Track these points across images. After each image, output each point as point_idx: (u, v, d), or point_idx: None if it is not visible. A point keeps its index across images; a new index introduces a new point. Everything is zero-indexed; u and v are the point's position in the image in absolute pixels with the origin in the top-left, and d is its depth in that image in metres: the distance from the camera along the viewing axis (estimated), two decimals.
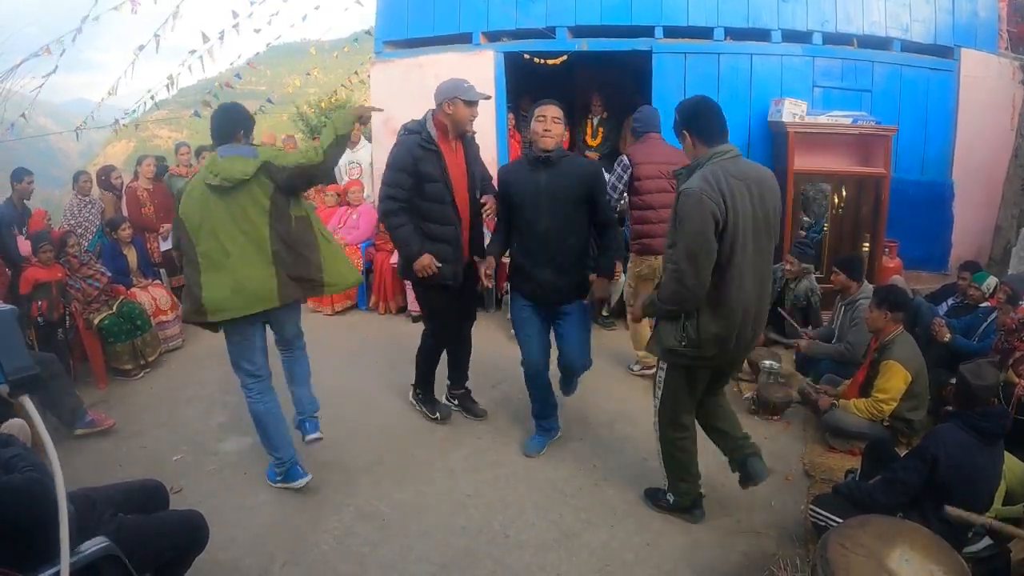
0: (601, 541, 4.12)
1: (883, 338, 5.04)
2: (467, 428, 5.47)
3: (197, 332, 5.90)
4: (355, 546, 4.07)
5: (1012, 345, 4.96)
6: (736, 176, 3.47)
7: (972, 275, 6.39)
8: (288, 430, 4.68)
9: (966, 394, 3.64)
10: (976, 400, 3.61)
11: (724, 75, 8.73)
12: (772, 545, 4.06)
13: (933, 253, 9.09)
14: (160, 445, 5.28)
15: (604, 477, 4.81)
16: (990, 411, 3.61)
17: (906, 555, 2.82)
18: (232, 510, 4.39)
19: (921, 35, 9.02)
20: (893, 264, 8.05)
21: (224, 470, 4.93)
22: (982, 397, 3.63)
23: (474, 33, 9.29)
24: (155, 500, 3.42)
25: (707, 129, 3.64)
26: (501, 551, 4.03)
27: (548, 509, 4.43)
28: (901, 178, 8.51)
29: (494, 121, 9.36)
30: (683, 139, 3.74)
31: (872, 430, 4.88)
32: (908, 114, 8.81)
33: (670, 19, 8.78)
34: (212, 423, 5.63)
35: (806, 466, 4.94)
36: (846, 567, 2.76)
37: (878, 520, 3.11)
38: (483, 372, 6.42)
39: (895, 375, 4.81)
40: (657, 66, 8.77)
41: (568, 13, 8.97)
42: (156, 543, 3.05)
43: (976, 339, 5.75)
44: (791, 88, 8.56)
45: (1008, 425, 3.68)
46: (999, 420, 3.62)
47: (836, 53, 8.86)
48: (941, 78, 9.00)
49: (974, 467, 3.49)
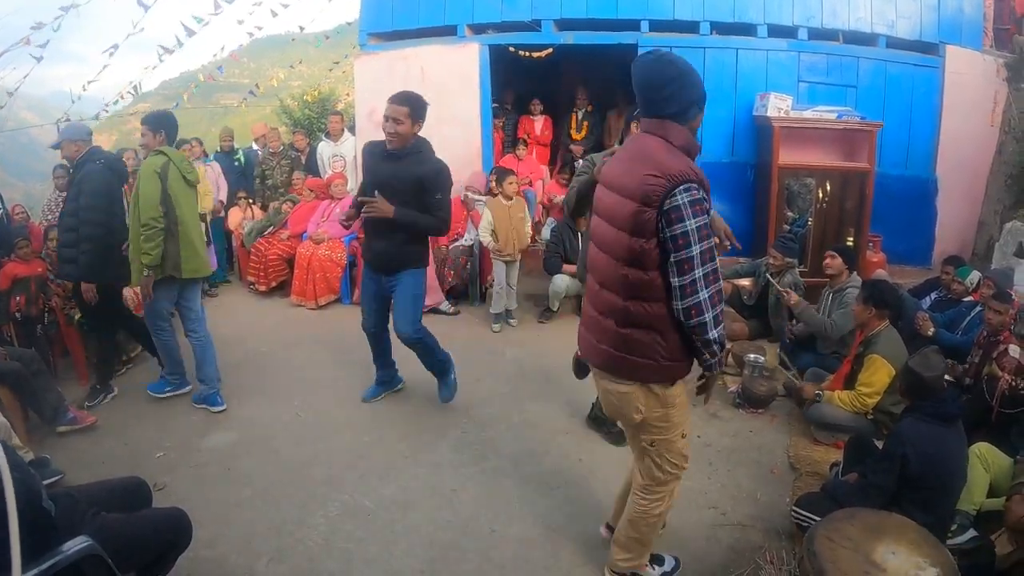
0: (588, 534, 4.09)
1: (868, 332, 5.06)
2: (452, 421, 5.45)
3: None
4: (341, 542, 4.04)
5: (996, 339, 4.99)
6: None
7: (955, 269, 6.46)
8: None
9: (919, 387, 3.68)
10: (930, 390, 3.68)
11: (709, 69, 8.74)
12: (758, 538, 4.07)
13: (917, 248, 9.15)
14: (143, 442, 5.21)
15: (590, 470, 4.80)
16: (944, 396, 3.69)
17: (892, 548, 2.83)
18: (216, 506, 4.34)
19: (906, 31, 9.06)
20: (877, 258, 8.09)
21: (207, 466, 4.88)
22: (936, 387, 3.70)
23: (459, 25, 9.28)
24: (138, 498, 3.38)
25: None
26: (487, 545, 4.01)
27: (534, 503, 4.41)
28: (885, 173, 8.54)
29: (479, 114, 9.36)
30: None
31: (856, 423, 4.91)
32: (893, 110, 8.85)
33: (656, 13, 8.80)
34: (194, 419, 5.57)
35: (791, 459, 4.96)
36: (833, 560, 2.77)
37: (865, 513, 3.12)
38: (467, 366, 6.41)
39: (880, 369, 4.83)
40: None
41: (554, 6, 8.97)
42: (139, 542, 3.02)
43: (959, 333, 5.80)
44: (776, 83, 8.58)
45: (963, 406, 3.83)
46: (955, 402, 3.76)
47: (821, 48, 8.90)
48: (926, 74, 9.04)
49: (943, 452, 3.54)
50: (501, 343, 7.28)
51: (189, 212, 5.43)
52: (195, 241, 5.48)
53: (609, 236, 2.95)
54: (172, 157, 5.31)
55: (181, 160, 5.41)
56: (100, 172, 5.48)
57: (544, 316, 7.93)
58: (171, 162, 5.26)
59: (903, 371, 3.78)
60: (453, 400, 5.59)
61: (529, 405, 5.76)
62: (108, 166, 5.60)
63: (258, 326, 7.74)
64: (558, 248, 7.67)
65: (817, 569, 2.76)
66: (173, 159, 5.30)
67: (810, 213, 7.99)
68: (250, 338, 7.26)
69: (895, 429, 3.74)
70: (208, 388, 5.74)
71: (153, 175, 5.14)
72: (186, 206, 5.38)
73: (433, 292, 8.01)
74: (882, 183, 8.29)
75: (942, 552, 2.83)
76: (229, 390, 5.95)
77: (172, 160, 5.28)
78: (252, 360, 6.74)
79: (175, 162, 5.30)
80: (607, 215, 2.98)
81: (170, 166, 5.24)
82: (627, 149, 3.08)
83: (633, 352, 2.95)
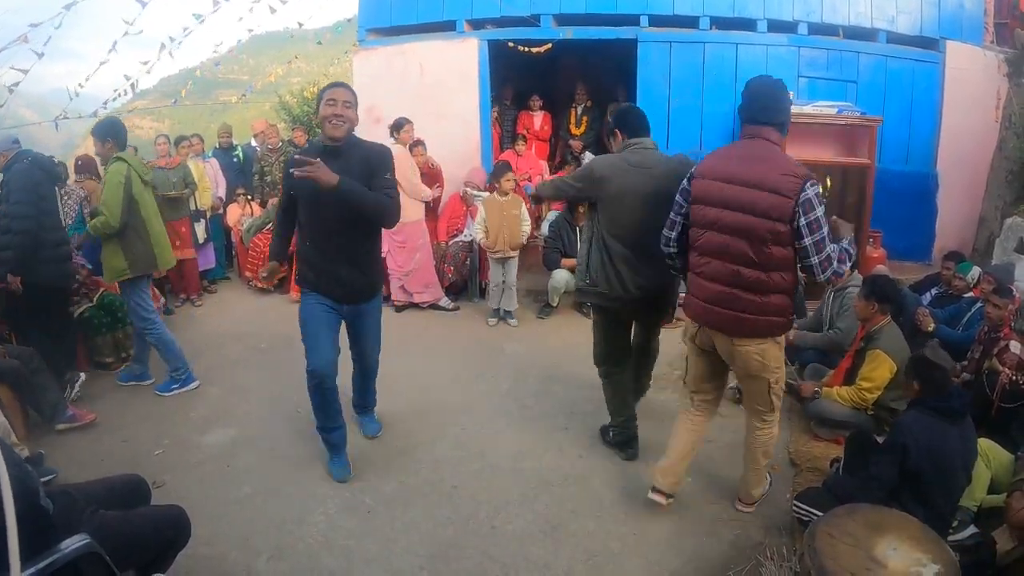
0: (587, 531, 4.10)
1: (870, 327, 5.05)
2: (451, 418, 5.44)
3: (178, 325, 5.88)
4: (340, 539, 4.03)
5: (997, 335, 4.98)
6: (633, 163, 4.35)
7: (956, 265, 6.45)
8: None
9: (938, 380, 3.66)
10: (944, 384, 3.67)
11: (709, 64, 8.74)
12: (759, 534, 4.06)
13: (917, 243, 9.15)
14: (142, 439, 5.21)
15: (590, 467, 4.79)
16: (950, 392, 3.68)
17: (893, 544, 2.82)
18: (216, 504, 4.34)
19: (907, 27, 9.05)
20: (877, 254, 8.06)
21: (207, 463, 4.88)
22: (947, 382, 3.71)
23: (458, 21, 9.25)
24: (136, 495, 3.37)
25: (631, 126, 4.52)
26: (487, 543, 4.00)
27: (534, 500, 4.40)
28: (886, 169, 8.52)
29: (477, 109, 9.35)
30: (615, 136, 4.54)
31: (856, 418, 4.90)
32: (893, 105, 8.84)
33: (656, 8, 8.79)
34: (194, 416, 5.57)
35: (791, 455, 4.96)
36: (834, 556, 2.76)
37: (866, 509, 3.11)
38: (466, 362, 6.41)
39: (881, 364, 4.82)
40: (642, 55, 8.77)
41: (553, 1, 8.96)
42: (138, 540, 3.01)
43: (960, 328, 5.79)
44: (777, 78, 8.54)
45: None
46: (961, 398, 3.73)
47: (822, 44, 8.89)
48: (926, 70, 9.03)
49: (945, 448, 3.52)
50: (501, 339, 7.28)
51: (152, 210, 5.87)
52: (160, 236, 5.94)
53: (745, 223, 3.53)
54: (129, 161, 5.62)
55: (137, 163, 5.78)
56: (27, 169, 5.55)
57: (544, 312, 7.93)
58: (130, 167, 5.59)
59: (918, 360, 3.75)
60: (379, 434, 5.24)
61: (529, 401, 5.75)
62: (36, 164, 5.66)
63: (257, 323, 7.74)
64: (557, 243, 7.66)
65: (818, 565, 2.75)
66: (131, 163, 5.61)
67: None
68: (249, 335, 7.26)
69: (898, 420, 3.74)
70: (141, 367, 6.20)
71: (118, 183, 5.46)
72: (149, 206, 5.82)
73: (433, 288, 8.01)
74: (882, 179, 8.25)
75: (943, 549, 2.82)
76: (227, 387, 5.99)
77: (130, 164, 5.60)
78: (251, 357, 6.74)
79: (133, 166, 5.63)
80: (737, 206, 3.55)
81: (131, 171, 5.58)
82: (748, 149, 3.65)
83: (770, 314, 3.63)
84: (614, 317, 4.71)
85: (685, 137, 8.75)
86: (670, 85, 8.87)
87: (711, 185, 3.66)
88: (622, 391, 4.87)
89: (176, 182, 8.11)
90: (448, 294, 8.30)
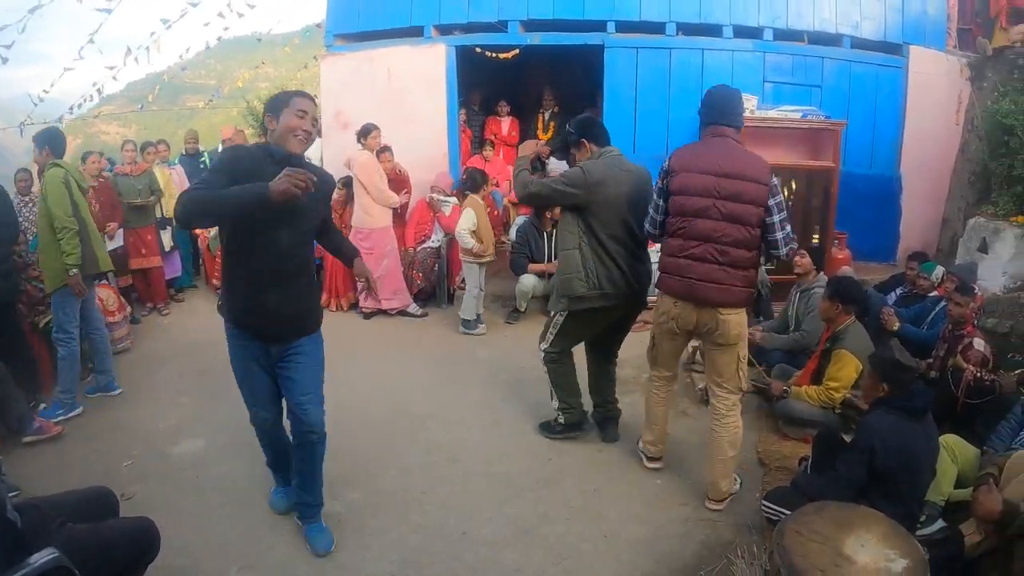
0: (558, 534, 4.08)
1: (835, 328, 5.13)
2: (420, 423, 5.42)
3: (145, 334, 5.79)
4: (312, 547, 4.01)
5: (961, 332, 5.07)
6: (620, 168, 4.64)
7: (920, 265, 6.53)
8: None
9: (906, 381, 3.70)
10: (911, 384, 3.72)
11: (675, 70, 8.81)
12: (729, 533, 4.08)
13: (881, 244, 9.29)
14: (110, 450, 5.12)
15: (559, 470, 4.78)
16: (912, 391, 3.73)
17: (861, 540, 2.84)
18: (186, 515, 4.26)
19: (871, 32, 9.20)
20: (842, 255, 8.15)
21: (176, 474, 4.80)
22: (913, 382, 3.77)
23: (426, 26, 9.26)
24: (105, 508, 3.31)
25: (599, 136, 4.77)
26: (458, 548, 3.97)
27: (504, 504, 4.38)
28: (850, 172, 8.66)
29: (445, 115, 9.37)
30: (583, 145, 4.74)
31: (824, 417, 4.95)
32: (857, 109, 8.98)
33: (622, 14, 8.84)
34: (163, 426, 5.49)
35: (760, 454, 4.99)
36: (803, 554, 2.77)
37: (833, 507, 3.13)
38: (436, 368, 6.40)
39: (847, 364, 4.89)
40: (609, 61, 8.83)
41: (520, 7, 8.98)
42: (107, 552, 2.96)
43: (925, 327, 5.87)
44: (742, 83, 8.53)
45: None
46: (923, 396, 3.83)
47: (787, 49, 9.01)
48: (890, 74, 9.18)
49: (911, 446, 3.56)
50: (470, 344, 7.27)
51: (89, 216, 5.87)
52: (98, 239, 6.03)
53: (738, 210, 3.97)
54: (67, 168, 5.66)
55: (74, 171, 5.84)
56: None
57: (512, 317, 7.92)
58: (68, 173, 5.61)
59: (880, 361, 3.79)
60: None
61: (499, 406, 5.73)
62: None
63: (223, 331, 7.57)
64: (524, 248, 7.66)
65: (787, 563, 2.76)
66: (68, 170, 5.65)
67: None
68: (217, 343, 7.03)
69: (863, 422, 3.76)
70: (105, 376, 6.05)
71: (60, 184, 5.45)
72: (85, 211, 5.78)
73: (401, 295, 7.99)
74: (847, 181, 8.37)
75: (911, 543, 2.84)
76: (196, 396, 5.92)
77: (68, 171, 5.63)
78: (219, 365, 6.59)
79: (70, 172, 5.66)
80: (734, 196, 3.97)
81: (68, 176, 5.58)
82: (720, 148, 4.07)
83: (748, 285, 4.13)
84: (602, 317, 4.80)
85: (651, 142, 8.81)
86: (637, 90, 8.93)
87: (695, 178, 4.04)
88: (573, 371, 5.12)
89: (142, 189, 8.02)
90: (416, 300, 8.27)
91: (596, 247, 4.57)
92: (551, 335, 4.90)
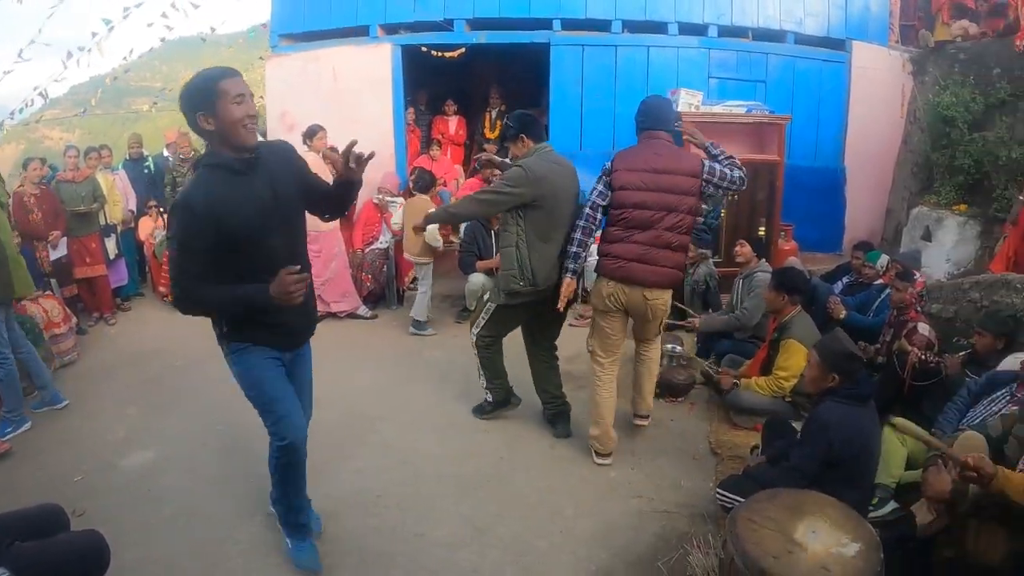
0: (514, 533, 4.06)
1: (782, 318, 5.21)
2: (372, 426, 5.36)
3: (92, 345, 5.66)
4: (267, 555, 3.89)
5: (905, 318, 5.17)
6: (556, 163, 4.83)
7: (865, 254, 6.67)
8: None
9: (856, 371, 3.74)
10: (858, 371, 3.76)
11: (621, 67, 8.88)
12: (684, 524, 4.09)
13: (827, 235, 9.45)
14: (60, 466, 4.96)
15: (513, 468, 4.76)
16: (859, 378, 3.77)
17: (813, 526, 2.84)
18: (138, 528, 4.14)
19: (814, 28, 9.36)
20: (789, 247, 8.26)
21: (127, 487, 4.67)
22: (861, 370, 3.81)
23: (371, 26, 9.21)
24: (56, 525, 3.21)
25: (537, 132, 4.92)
26: (415, 550, 3.93)
27: (458, 504, 4.35)
28: (795, 165, 8.77)
29: (391, 115, 9.33)
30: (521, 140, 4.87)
31: (775, 406, 5.02)
32: (801, 104, 9.11)
33: (568, 12, 8.88)
34: (112, 438, 5.33)
35: (712, 445, 5.02)
36: (756, 541, 2.77)
37: (785, 494, 3.13)
38: (388, 370, 6.34)
39: (795, 353, 4.96)
40: (555, 58, 8.86)
41: (466, 6, 8.97)
42: (58, 570, 2.89)
43: (871, 314, 5.98)
44: (687, 79, 8.72)
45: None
46: (867, 383, 3.88)
47: (731, 45, 9.14)
48: (833, 69, 9.35)
49: (862, 431, 3.61)
50: (420, 345, 7.23)
51: (7, 234, 5.62)
52: (17, 261, 5.62)
53: (674, 200, 4.45)
54: None
55: None
56: None
57: (461, 316, 7.89)
58: None
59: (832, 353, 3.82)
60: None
61: (450, 406, 5.69)
62: None
63: (173, 339, 7.41)
64: (472, 247, 7.62)
65: (740, 551, 2.76)
66: None
67: (723, 205, 8.13)
68: (165, 352, 7.05)
69: (814, 415, 3.77)
70: (48, 391, 5.84)
71: None
72: (5, 229, 5.58)
73: (350, 297, 7.92)
74: (792, 174, 8.46)
75: (863, 527, 2.85)
76: (145, 406, 5.79)
77: None
78: (167, 374, 6.54)
79: None
80: (669, 188, 4.45)
81: None
82: (654, 149, 4.54)
83: (679, 268, 4.64)
84: (533, 307, 4.96)
85: (598, 138, 8.86)
86: (583, 88, 8.98)
87: (637, 175, 4.48)
88: (501, 356, 5.32)
89: (85, 196, 7.78)
90: (366, 302, 8.20)
91: (534, 242, 4.71)
92: (483, 320, 5.11)
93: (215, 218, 2.97)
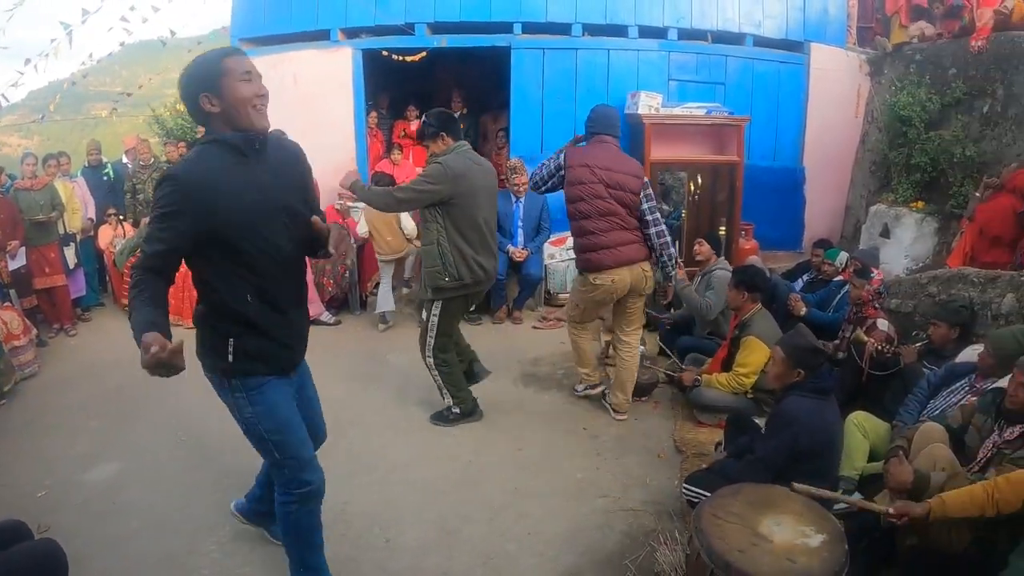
0: (482, 535, 4.06)
1: (742, 316, 5.30)
2: (338, 432, 5.31)
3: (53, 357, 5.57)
4: (235, 566, 3.86)
5: (864, 314, 5.25)
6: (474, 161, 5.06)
7: (825, 252, 6.78)
8: None
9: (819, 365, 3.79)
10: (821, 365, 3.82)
11: (582, 70, 8.90)
12: (651, 521, 4.11)
13: (787, 234, 9.57)
14: (22, 481, 4.85)
15: (479, 471, 4.76)
16: (821, 372, 3.84)
17: (777, 519, 2.88)
18: (104, 542, 4.07)
19: (773, 31, 9.44)
20: (749, 246, 8.36)
21: (92, 501, 4.58)
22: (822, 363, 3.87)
23: (332, 30, 9.13)
24: (17, 541, 3.19)
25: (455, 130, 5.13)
26: (383, 556, 3.91)
27: (426, 509, 4.33)
28: (755, 165, 8.90)
29: (352, 119, 9.31)
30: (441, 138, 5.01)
31: (737, 403, 5.09)
32: (760, 105, 9.20)
33: (529, 15, 8.87)
34: (74, 452, 5.23)
35: (677, 442, 5.07)
36: (721, 536, 2.80)
37: (749, 488, 3.16)
38: (352, 376, 6.33)
39: (756, 350, 5.03)
40: (516, 62, 8.85)
41: (427, 9, 8.93)
42: None
43: (831, 311, 6.06)
44: (647, 82, 8.78)
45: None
46: (829, 376, 4.00)
47: (691, 48, 9.18)
48: (792, 71, 9.45)
49: (825, 424, 3.68)
50: (384, 350, 7.20)
51: None
52: None
53: (626, 198, 5.03)
54: None
55: None
56: None
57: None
58: None
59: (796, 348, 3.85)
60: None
61: (414, 410, 5.69)
62: None
63: (134, 350, 7.18)
64: None
65: (706, 546, 2.78)
66: None
67: (684, 205, 8.22)
68: (126, 362, 6.87)
69: (780, 409, 3.81)
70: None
71: None
72: None
73: (313, 304, 7.88)
74: (752, 175, 8.62)
75: (827, 518, 2.89)
76: (109, 418, 5.70)
77: None
78: (130, 385, 6.43)
79: None
80: (620, 187, 5.00)
81: None
82: (604, 150, 5.12)
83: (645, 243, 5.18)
84: (463, 305, 5.38)
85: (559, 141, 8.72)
86: (544, 91, 8.98)
87: (592, 171, 4.99)
88: (457, 365, 5.42)
89: (44, 204, 7.61)
90: (329, 308, 8.16)
91: (455, 238, 4.91)
92: (431, 338, 5.20)
93: (210, 198, 2.62)
